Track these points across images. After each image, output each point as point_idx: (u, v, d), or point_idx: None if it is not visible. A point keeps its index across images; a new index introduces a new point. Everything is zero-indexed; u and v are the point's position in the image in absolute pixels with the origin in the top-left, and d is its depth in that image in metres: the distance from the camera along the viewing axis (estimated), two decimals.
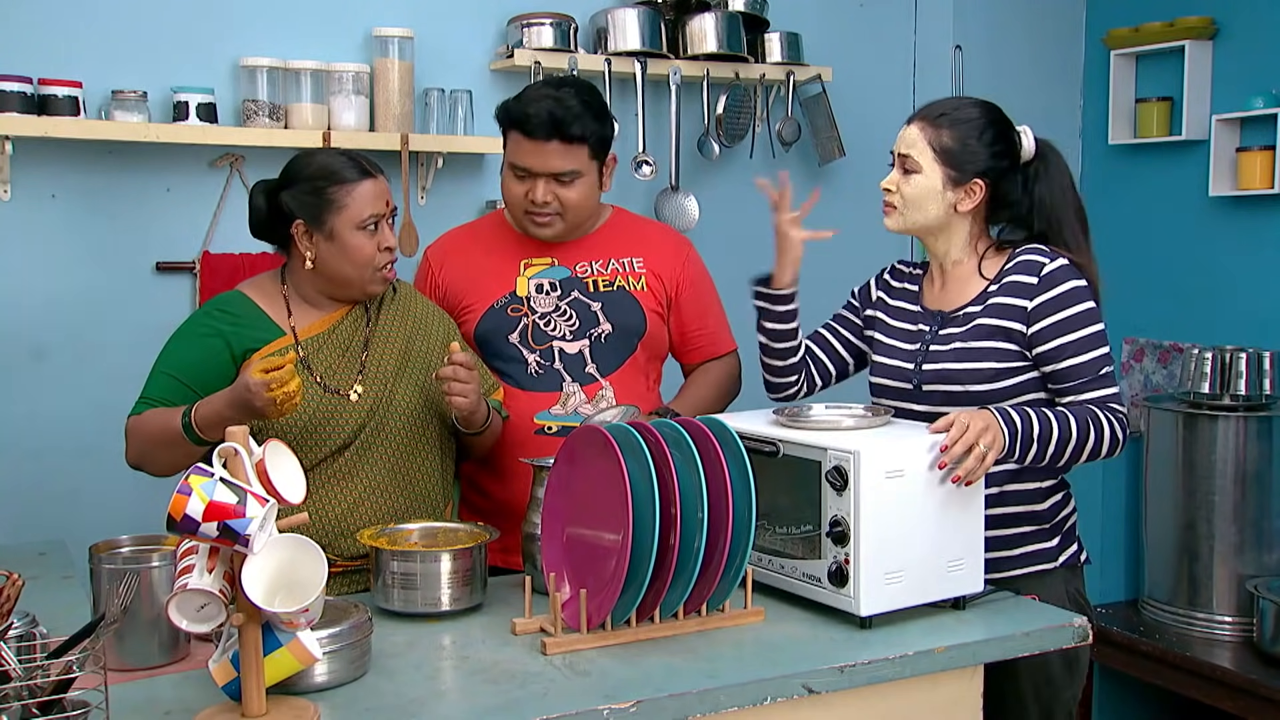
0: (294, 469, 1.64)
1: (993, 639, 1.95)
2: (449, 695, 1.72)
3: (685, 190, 3.70)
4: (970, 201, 2.24)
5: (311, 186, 2.23)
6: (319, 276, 2.28)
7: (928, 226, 2.27)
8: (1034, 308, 2.17)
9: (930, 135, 2.23)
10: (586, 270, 2.55)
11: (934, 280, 2.35)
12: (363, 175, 2.24)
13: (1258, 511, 3.42)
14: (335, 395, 2.26)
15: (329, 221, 2.22)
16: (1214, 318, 3.84)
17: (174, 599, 1.55)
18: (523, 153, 2.44)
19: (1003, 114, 2.29)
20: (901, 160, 2.26)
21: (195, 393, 2.22)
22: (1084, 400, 2.15)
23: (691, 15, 3.64)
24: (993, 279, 2.24)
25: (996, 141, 2.24)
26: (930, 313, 2.31)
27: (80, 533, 2.40)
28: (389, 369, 2.32)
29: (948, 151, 2.22)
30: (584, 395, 2.49)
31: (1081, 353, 2.16)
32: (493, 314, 2.52)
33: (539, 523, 2.05)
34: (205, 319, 2.30)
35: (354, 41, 3.35)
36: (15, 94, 2.90)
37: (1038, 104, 4.13)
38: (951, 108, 2.26)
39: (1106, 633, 3.54)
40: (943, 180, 2.22)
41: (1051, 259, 2.20)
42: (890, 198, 2.28)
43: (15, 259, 3.06)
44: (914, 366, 2.26)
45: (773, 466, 2.05)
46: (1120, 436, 2.14)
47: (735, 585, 1.94)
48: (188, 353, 2.27)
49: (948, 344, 2.24)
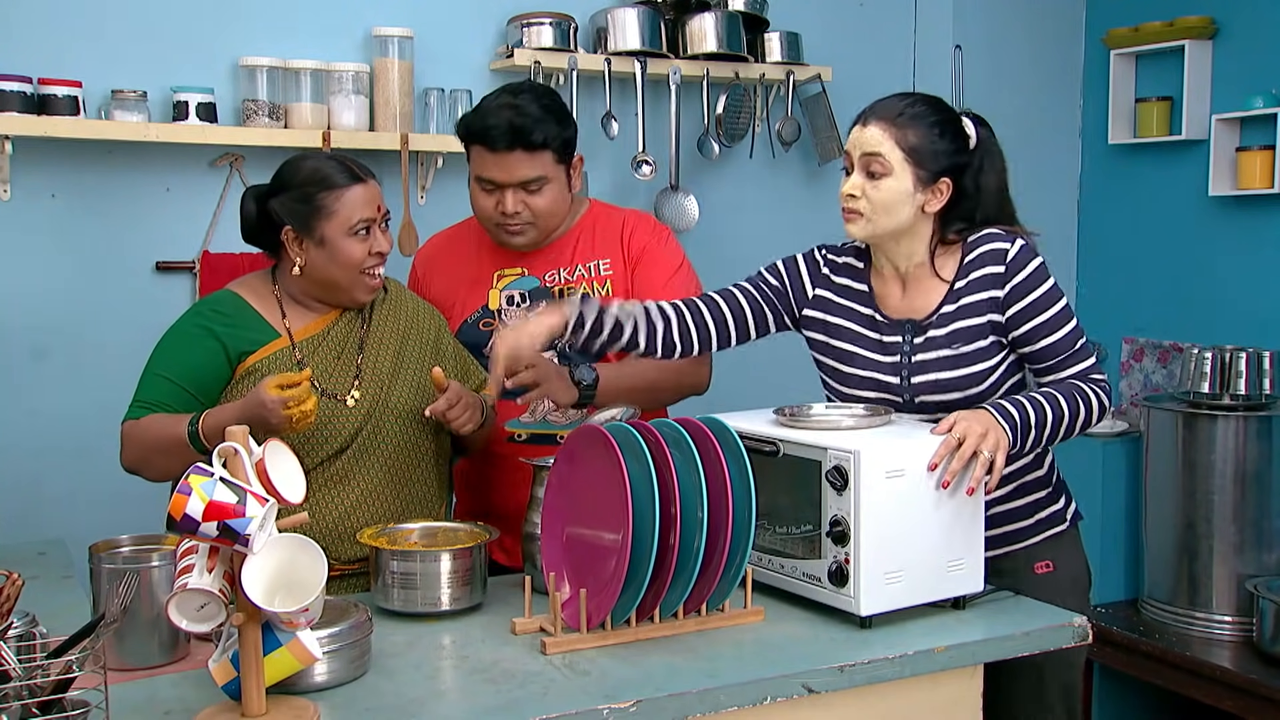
0: (294, 469, 1.64)
1: (992, 639, 1.95)
2: (449, 695, 1.72)
3: (685, 190, 3.70)
4: (938, 201, 2.17)
5: (301, 193, 2.21)
6: (308, 281, 2.27)
7: (897, 231, 2.17)
8: (1006, 294, 2.15)
9: (896, 135, 2.14)
10: (554, 278, 2.53)
11: (888, 283, 2.25)
12: (352, 180, 2.22)
13: (1258, 511, 3.42)
14: (333, 400, 2.26)
15: (319, 228, 2.21)
16: (1214, 317, 3.84)
17: (174, 599, 1.55)
18: (487, 165, 2.41)
19: (949, 105, 2.23)
20: (867, 162, 2.15)
21: (192, 396, 2.21)
22: (1065, 377, 2.15)
23: (691, 15, 3.64)
24: (957, 275, 2.18)
25: (955, 138, 2.18)
26: (898, 322, 2.22)
27: (80, 532, 2.40)
28: (384, 372, 2.31)
29: (915, 150, 2.13)
30: (552, 404, 2.46)
31: (1055, 330, 2.15)
32: (466, 329, 2.53)
33: (539, 522, 2.05)
34: (198, 320, 2.28)
35: (354, 41, 3.35)
36: (15, 94, 2.90)
37: (1037, 104, 4.14)
38: (906, 105, 2.18)
39: (1106, 633, 3.54)
40: (913, 181, 2.14)
41: (1010, 241, 2.16)
42: (855, 204, 2.15)
43: (15, 259, 3.06)
44: (900, 380, 2.21)
45: (773, 466, 2.05)
46: (1106, 403, 2.14)
47: (735, 585, 1.94)
48: (183, 355, 2.25)
49: (932, 352, 2.19)
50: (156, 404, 2.22)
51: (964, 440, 1.96)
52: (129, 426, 2.23)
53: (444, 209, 3.38)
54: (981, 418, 2.01)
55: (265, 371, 2.23)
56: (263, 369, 2.23)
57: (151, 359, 2.28)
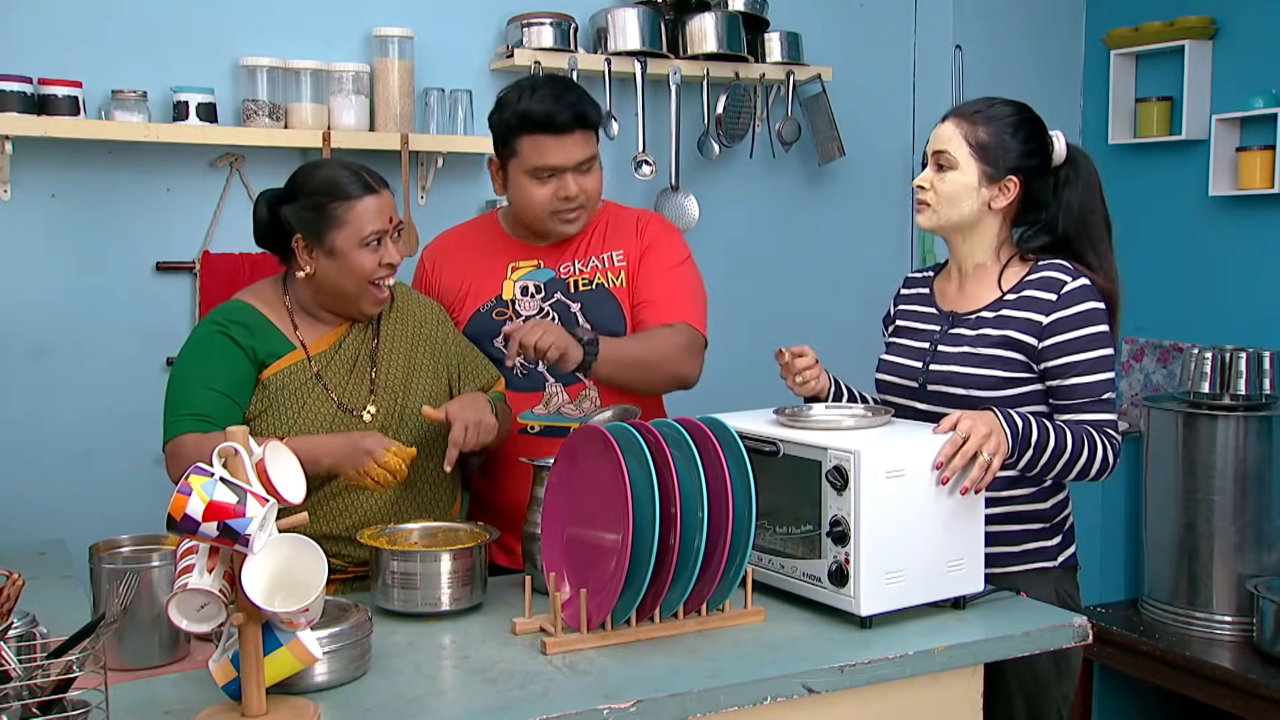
0: (294, 469, 1.64)
1: (993, 639, 1.95)
2: (449, 695, 1.72)
3: (685, 190, 3.70)
4: (1004, 199, 2.23)
5: (313, 202, 2.20)
6: (317, 290, 2.26)
7: (961, 224, 2.25)
8: (1048, 324, 2.17)
9: (966, 130, 2.23)
10: (569, 270, 2.54)
11: (951, 279, 2.35)
12: (365, 191, 2.20)
13: (1258, 511, 3.42)
14: (349, 414, 2.25)
15: (330, 238, 2.19)
16: (1214, 317, 3.85)
17: (174, 599, 1.55)
18: (548, 152, 2.41)
19: (1036, 115, 2.29)
20: (936, 157, 2.25)
21: (236, 403, 2.19)
22: (1082, 420, 2.16)
23: (691, 15, 3.63)
24: (1012, 289, 2.23)
25: (1030, 140, 2.24)
26: (943, 313, 2.31)
27: (80, 532, 2.40)
28: (397, 383, 2.31)
29: (983, 146, 2.21)
30: (567, 395, 2.49)
31: (1088, 374, 2.16)
32: (478, 318, 2.52)
33: (539, 522, 2.05)
34: (219, 331, 2.24)
35: (354, 41, 3.35)
36: (15, 94, 2.89)
37: (1038, 104, 4.06)
38: (986, 105, 2.27)
39: (1106, 633, 3.54)
40: (978, 176, 2.22)
41: (1074, 277, 2.19)
42: (924, 195, 2.26)
43: (15, 259, 3.06)
44: (921, 365, 2.27)
45: (773, 466, 2.05)
46: (1110, 462, 2.15)
47: (735, 585, 1.94)
48: (216, 364, 2.21)
49: (956, 346, 2.24)
50: (207, 412, 2.15)
51: (968, 438, 1.97)
52: (185, 443, 2.14)
53: (444, 209, 3.38)
54: (986, 418, 2.02)
55: (282, 384, 2.22)
56: (279, 381, 2.22)
57: (181, 373, 2.22)
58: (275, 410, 2.22)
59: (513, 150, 2.45)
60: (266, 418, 2.22)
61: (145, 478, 3.08)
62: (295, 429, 2.21)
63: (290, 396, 2.23)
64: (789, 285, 3.95)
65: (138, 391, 3.14)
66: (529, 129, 2.41)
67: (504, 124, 2.45)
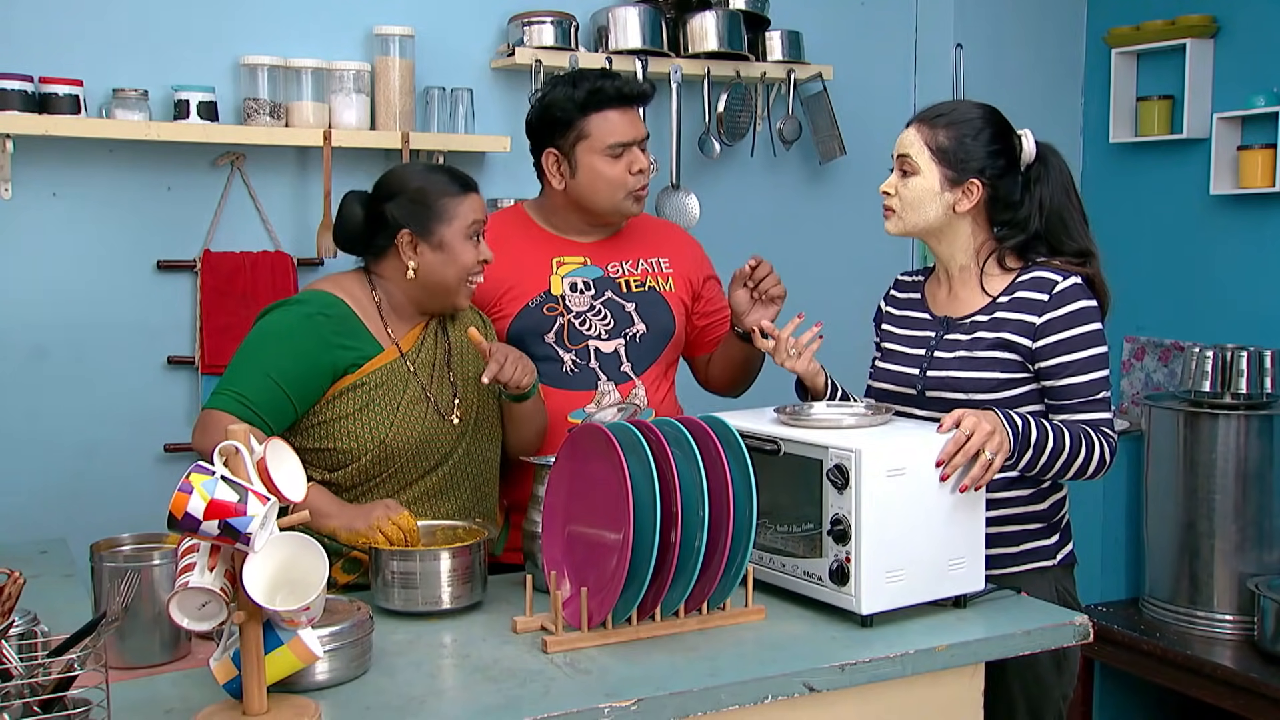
0: (295, 467, 1.64)
1: (993, 637, 1.95)
2: (449, 693, 1.72)
3: (686, 188, 3.70)
4: (968, 202, 2.23)
5: (421, 196, 2.24)
6: (416, 286, 2.28)
7: (928, 228, 2.26)
8: (1041, 324, 2.17)
9: (927, 135, 2.23)
10: (618, 270, 2.56)
11: (941, 283, 2.34)
12: (466, 188, 2.28)
13: (1259, 510, 3.41)
14: (441, 418, 2.28)
15: (438, 231, 2.24)
16: (1215, 316, 3.84)
17: (175, 597, 1.55)
18: (619, 128, 2.45)
19: (1002, 116, 2.28)
20: (900, 162, 2.26)
21: (290, 403, 2.18)
22: (1078, 420, 2.17)
23: (692, 13, 3.64)
24: (1002, 293, 2.23)
25: (994, 141, 2.24)
26: (937, 319, 2.31)
27: (81, 531, 2.41)
28: (471, 387, 2.34)
29: (944, 151, 2.21)
30: (618, 394, 2.50)
31: (1082, 373, 2.16)
32: (528, 313, 2.51)
33: (540, 520, 2.05)
34: (311, 325, 2.21)
35: (355, 40, 3.35)
36: (16, 92, 2.90)
37: (1039, 102, 4.13)
38: (949, 109, 2.27)
39: (1107, 631, 3.54)
40: (939, 180, 2.22)
41: (1065, 277, 2.20)
42: (889, 201, 2.27)
43: (16, 258, 3.06)
44: (918, 372, 2.27)
45: (774, 465, 2.05)
46: (1107, 461, 2.16)
47: (736, 584, 1.94)
48: (292, 360, 2.18)
49: (952, 351, 2.24)
50: (254, 402, 2.15)
51: (972, 435, 1.97)
52: (214, 417, 2.13)
53: None
54: (989, 417, 2.02)
55: (379, 383, 2.23)
56: (375, 380, 2.23)
57: (256, 348, 2.21)
58: (373, 408, 2.22)
59: (581, 133, 2.46)
60: (364, 416, 2.22)
61: (146, 476, 3.09)
62: (394, 427, 2.22)
63: (389, 395, 2.24)
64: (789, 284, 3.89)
65: (139, 390, 3.15)
66: (600, 105, 2.44)
67: (570, 107, 2.45)
